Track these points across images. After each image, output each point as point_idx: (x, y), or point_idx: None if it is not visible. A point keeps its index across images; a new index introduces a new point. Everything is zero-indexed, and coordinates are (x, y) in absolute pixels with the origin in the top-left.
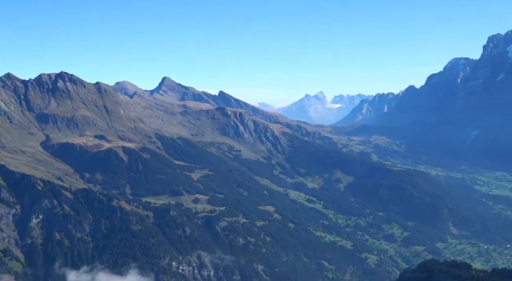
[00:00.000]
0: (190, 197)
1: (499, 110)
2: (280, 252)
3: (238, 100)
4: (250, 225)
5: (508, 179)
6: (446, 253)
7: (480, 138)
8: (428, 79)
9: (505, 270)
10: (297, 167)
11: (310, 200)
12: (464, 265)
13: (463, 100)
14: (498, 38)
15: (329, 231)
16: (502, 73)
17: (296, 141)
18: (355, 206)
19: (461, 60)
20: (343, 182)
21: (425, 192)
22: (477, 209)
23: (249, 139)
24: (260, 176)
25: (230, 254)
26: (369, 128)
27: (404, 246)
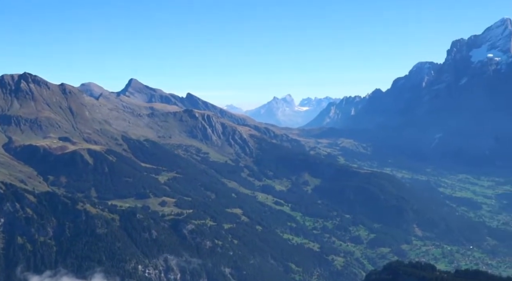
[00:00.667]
0: (157, 200)
1: (462, 114)
2: (248, 255)
3: (206, 103)
4: (218, 228)
5: (471, 182)
6: (411, 255)
7: (444, 141)
8: (394, 82)
9: (468, 271)
10: (265, 169)
11: (278, 203)
12: (428, 266)
13: (428, 104)
14: (461, 43)
15: (297, 234)
16: (465, 77)
17: (264, 144)
18: (323, 208)
19: (425, 64)
20: (310, 184)
21: (391, 194)
22: (441, 211)
23: (217, 142)
24: (228, 179)
25: (197, 257)
26: (337, 131)
27: (370, 248)
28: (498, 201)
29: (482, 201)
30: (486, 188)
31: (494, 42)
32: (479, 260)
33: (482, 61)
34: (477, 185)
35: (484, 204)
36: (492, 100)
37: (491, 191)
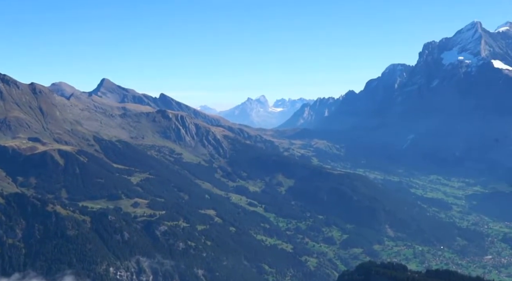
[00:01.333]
0: (129, 201)
1: (434, 115)
2: (221, 256)
3: (179, 103)
4: (191, 229)
5: (442, 182)
6: (383, 255)
7: (416, 142)
8: (367, 84)
9: (438, 271)
10: (238, 170)
11: (252, 204)
12: (400, 266)
13: (400, 105)
14: (433, 45)
15: (270, 235)
16: (437, 79)
17: (238, 145)
18: (296, 209)
19: (398, 66)
20: (284, 185)
21: (364, 195)
22: (413, 211)
23: (190, 142)
24: (201, 180)
25: (170, 259)
26: (310, 132)
27: (343, 248)
28: (468, 202)
29: (453, 201)
30: (457, 189)
31: (464, 45)
32: (449, 260)
33: (453, 64)
34: (448, 186)
35: (454, 205)
36: (462, 102)
37: (461, 192)
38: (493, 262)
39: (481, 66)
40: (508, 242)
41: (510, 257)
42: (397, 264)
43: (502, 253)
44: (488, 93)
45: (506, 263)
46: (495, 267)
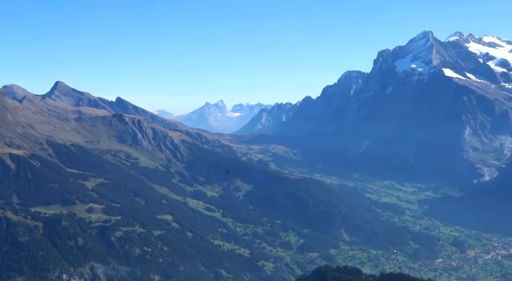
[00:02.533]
0: (83, 207)
1: (388, 121)
2: (178, 262)
3: (136, 107)
4: (147, 234)
5: (396, 187)
6: (339, 259)
7: (371, 148)
8: (324, 90)
9: (392, 274)
10: (196, 175)
11: (209, 209)
12: (355, 270)
13: (356, 111)
14: (387, 53)
15: (228, 240)
16: (391, 86)
17: (195, 149)
18: (254, 214)
19: (353, 73)
20: (242, 190)
21: (320, 200)
22: (368, 216)
23: (147, 147)
24: (158, 185)
25: (125, 265)
26: (268, 137)
27: (300, 253)
28: (420, 206)
29: (406, 206)
30: (410, 194)
31: (417, 54)
32: (402, 264)
33: (406, 71)
34: (401, 191)
35: (407, 209)
36: (415, 109)
37: (414, 197)
38: (444, 265)
39: (432, 74)
40: (458, 246)
41: (460, 260)
42: (352, 268)
43: (452, 256)
44: (439, 101)
45: (456, 266)
46: (446, 270)
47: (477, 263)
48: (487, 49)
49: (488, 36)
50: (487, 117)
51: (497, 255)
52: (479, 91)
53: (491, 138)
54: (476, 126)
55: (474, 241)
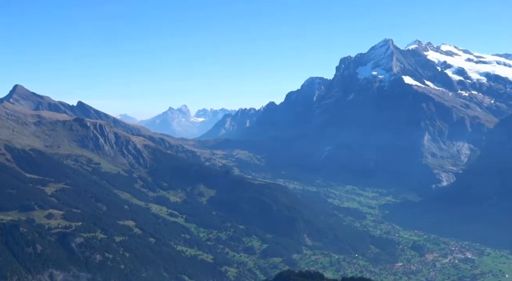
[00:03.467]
0: (43, 212)
1: (350, 127)
2: (140, 268)
3: (98, 111)
4: (109, 240)
5: (357, 192)
6: (301, 264)
7: (333, 153)
8: (287, 96)
9: (353, 279)
10: (159, 180)
11: (172, 214)
12: (317, 275)
13: (319, 117)
14: (349, 60)
15: (191, 245)
16: (353, 93)
17: (159, 154)
18: (217, 219)
19: (316, 79)
20: (205, 195)
21: (283, 205)
22: (330, 221)
23: (109, 152)
24: (120, 190)
25: (86, 272)
26: (232, 142)
27: (263, 258)
28: (381, 211)
29: (367, 211)
30: (371, 199)
31: (378, 61)
32: (363, 268)
33: (367, 78)
34: (362, 196)
35: (368, 214)
36: (376, 115)
37: (374, 202)
38: (403, 269)
39: (393, 81)
40: (417, 250)
41: (419, 264)
42: (314, 273)
43: (411, 260)
44: (399, 107)
45: (415, 270)
46: (405, 273)
47: (435, 267)
48: (444, 58)
49: (446, 45)
50: (445, 124)
51: (454, 259)
52: (437, 99)
53: (448, 144)
54: (434, 133)
55: (433, 245)
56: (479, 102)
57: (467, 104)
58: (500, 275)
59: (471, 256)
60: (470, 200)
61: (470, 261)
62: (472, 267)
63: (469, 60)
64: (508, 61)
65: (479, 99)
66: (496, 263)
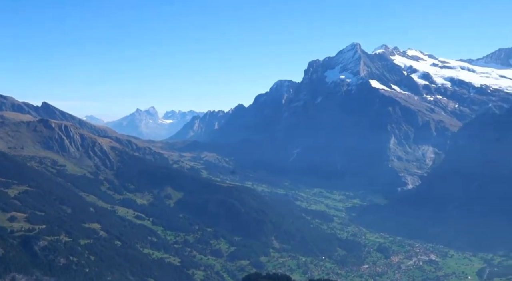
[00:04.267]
0: (5, 215)
1: (318, 130)
2: (105, 271)
3: (63, 113)
4: (73, 243)
5: (325, 195)
6: (269, 266)
7: (301, 156)
8: (256, 98)
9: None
10: (126, 183)
11: (139, 217)
12: (284, 277)
13: (287, 120)
14: (317, 63)
15: (157, 248)
16: (321, 96)
17: (125, 156)
18: (184, 222)
19: (285, 82)
20: (173, 198)
21: (252, 208)
22: (298, 223)
23: (75, 154)
24: (86, 192)
25: (49, 275)
26: (200, 145)
27: (230, 260)
28: (348, 214)
29: (334, 213)
30: (338, 201)
31: (345, 65)
32: (330, 270)
33: (335, 82)
34: (330, 199)
35: (335, 217)
36: (343, 119)
37: (342, 204)
38: (369, 271)
39: (360, 85)
40: (382, 252)
41: (384, 266)
42: (282, 275)
43: (377, 262)
44: (366, 111)
45: (381, 272)
46: (371, 275)
47: (400, 269)
48: (410, 62)
49: (412, 49)
50: (410, 128)
51: (418, 261)
52: (403, 103)
53: (414, 147)
54: (400, 136)
55: (398, 247)
56: (444, 106)
57: (432, 108)
58: (463, 277)
59: (435, 258)
60: (435, 203)
61: (434, 263)
62: (436, 269)
63: (434, 65)
64: (472, 66)
65: (443, 103)
66: (459, 264)
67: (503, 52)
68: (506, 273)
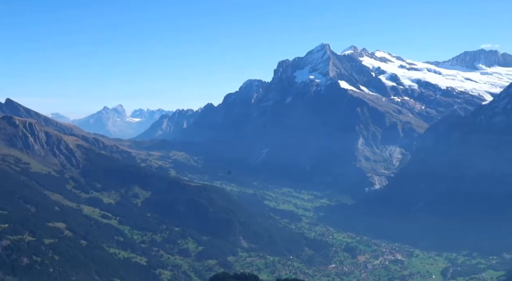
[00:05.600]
0: None
1: (287, 130)
2: (70, 271)
3: (28, 110)
4: (37, 243)
5: (293, 195)
6: (237, 266)
7: (270, 156)
8: (225, 98)
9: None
10: (92, 181)
11: (105, 216)
12: (252, 276)
13: (256, 120)
14: (286, 63)
15: (124, 248)
16: (290, 96)
17: (92, 155)
18: (152, 221)
19: (255, 82)
20: (140, 197)
21: (220, 207)
22: (266, 223)
23: (40, 152)
24: (51, 191)
25: (12, 275)
26: (169, 144)
27: (198, 260)
28: (316, 213)
29: (302, 213)
30: (306, 201)
31: (315, 65)
32: (297, 270)
33: (304, 82)
34: (298, 198)
35: (303, 216)
36: (312, 119)
37: (310, 204)
38: (336, 270)
39: (329, 85)
40: (349, 251)
41: (351, 266)
42: (249, 275)
43: (344, 261)
44: (335, 111)
45: (347, 271)
46: (338, 275)
47: (367, 268)
48: (379, 64)
49: (380, 51)
50: (378, 128)
51: (384, 260)
52: (371, 103)
53: (381, 148)
54: (368, 137)
55: (365, 247)
56: (411, 107)
57: (399, 110)
58: (428, 276)
59: (401, 257)
60: (401, 203)
61: (400, 263)
62: (402, 268)
63: (401, 66)
64: (438, 68)
65: (410, 105)
66: (424, 264)
67: (469, 55)
68: (469, 272)
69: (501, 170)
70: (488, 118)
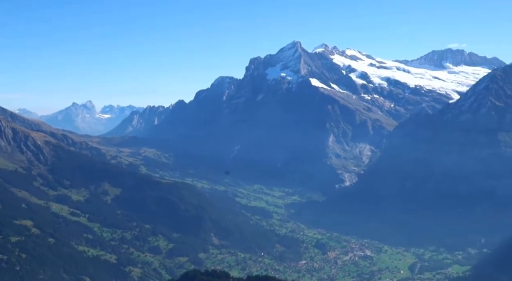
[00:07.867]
0: None
1: (259, 127)
2: (37, 269)
3: None
4: (3, 241)
5: (265, 192)
6: (208, 263)
7: (242, 153)
8: (197, 94)
9: (258, 277)
10: (61, 178)
11: (74, 213)
12: (222, 273)
13: (228, 117)
14: (258, 61)
15: (93, 245)
16: (262, 93)
17: (61, 151)
18: (122, 218)
19: (226, 79)
20: (110, 194)
21: (191, 204)
22: (237, 220)
23: (6, 148)
24: (17, 188)
25: None
26: (139, 140)
27: (169, 257)
28: (287, 210)
29: (274, 210)
30: (277, 198)
31: (286, 63)
32: (268, 266)
33: (276, 79)
34: (269, 195)
35: (275, 213)
36: (284, 116)
37: (281, 201)
38: (307, 266)
39: (300, 83)
40: (320, 248)
41: (322, 262)
42: (220, 272)
43: (314, 258)
44: (306, 109)
45: (318, 267)
46: (308, 271)
47: (337, 264)
48: (349, 62)
49: (351, 49)
50: (348, 126)
51: (354, 256)
52: (342, 101)
53: (352, 145)
54: (339, 134)
55: (335, 243)
56: (380, 105)
57: (369, 107)
58: (396, 271)
59: (370, 253)
60: (370, 200)
61: (369, 258)
62: (371, 264)
63: (371, 65)
64: (407, 67)
65: (380, 102)
66: (392, 259)
67: (436, 54)
68: (436, 267)
69: (467, 167)
70: (455, 116)
